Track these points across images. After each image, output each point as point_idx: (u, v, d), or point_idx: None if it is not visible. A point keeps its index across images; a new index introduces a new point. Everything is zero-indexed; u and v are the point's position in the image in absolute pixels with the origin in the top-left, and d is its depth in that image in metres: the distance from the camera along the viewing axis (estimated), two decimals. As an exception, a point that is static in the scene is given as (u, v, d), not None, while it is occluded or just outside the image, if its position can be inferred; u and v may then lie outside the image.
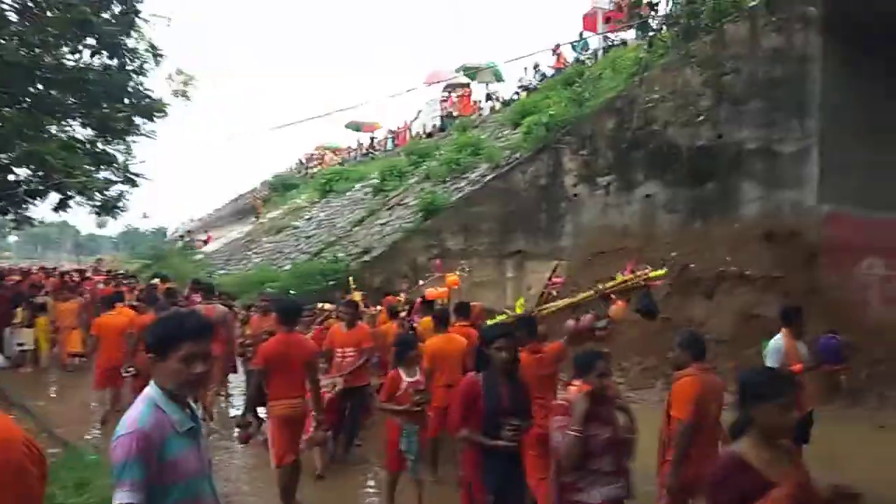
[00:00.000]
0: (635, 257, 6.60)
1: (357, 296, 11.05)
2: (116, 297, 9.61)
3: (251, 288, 15.07)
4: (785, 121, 11.71)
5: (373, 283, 12.83)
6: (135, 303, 9.66)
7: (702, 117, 12.19)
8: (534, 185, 12.83)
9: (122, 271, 22.79)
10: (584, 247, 12.50)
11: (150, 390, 2.27)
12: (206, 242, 35.81)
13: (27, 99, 13.09)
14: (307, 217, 24.19)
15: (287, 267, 17.16)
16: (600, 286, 5.89)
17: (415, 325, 8.15)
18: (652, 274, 5.62)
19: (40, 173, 12.47)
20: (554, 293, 6.78)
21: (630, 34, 18.32)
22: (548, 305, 6.71)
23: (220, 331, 7.96)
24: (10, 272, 20.07)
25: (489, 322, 6.63)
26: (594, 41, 18.95)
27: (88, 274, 18.67)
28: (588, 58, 18.52)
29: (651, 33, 13.68)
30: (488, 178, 13.88)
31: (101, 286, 14.01)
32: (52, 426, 8.28)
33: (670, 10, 13.69)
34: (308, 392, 5.49)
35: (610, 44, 17.80)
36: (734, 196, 11.95)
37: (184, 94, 17.58)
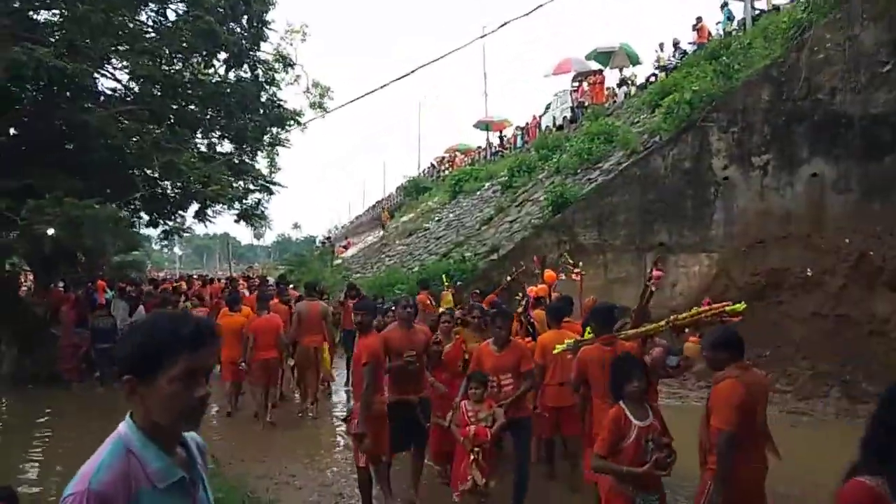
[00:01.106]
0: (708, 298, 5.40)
1: (448, 296, 10.59)
2: (236, 298, 10.14)
3: (382, 290, 14.96)
4: None
5: (501, 282, 12.16)
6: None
7: (877, 81, 10.42)
8: (677, 170, 11.57)
9: (268, 277, 23.79)
10: (738, 236, 11.08)
11: (123, 427, 1.64)
12: (345, 248, 37.04)
13: (170, 117, 13.77)
14: (437, 219, 24.04)
15: (415, 269, 16.93)
16: (672, 318, 5.05)
17: (532, 320, 7.84)
18: (729, 309, 4.73)
19: (179, 184, 13.08)
20: (653, 288, 5.77)
21: (783, -2, 16.40)
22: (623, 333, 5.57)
23: (322, 324, 9.41)
24: (166, 280, 21.54)
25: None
26: (740, 9, 17.14)
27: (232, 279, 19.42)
28: (734, 29, 16.76)
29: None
30: (624, 165, 12.76)
31: (245, 292, 14.39)
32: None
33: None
34: None
35: (759, 12, 15.97)
36: (922, 170, 10.09)
37: (321, 107, 17.98)
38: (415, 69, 8.55)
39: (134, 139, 11.13)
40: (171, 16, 12.42)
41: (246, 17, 12.85)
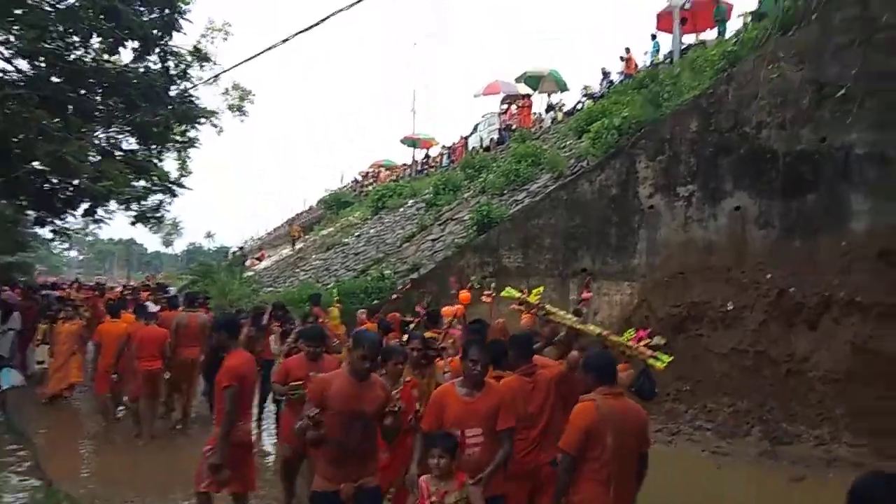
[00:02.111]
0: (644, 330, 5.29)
1: (334, 311, 10.25)
2: (120, 306, 10.16)
3: (293, 305, 14.03)
4: (903, 121, 10.00)
5: (420, 303, 11.54)
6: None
7: (802, 118, 10.55)
8: (603, 196, 11.34)
9: (168, 286, 22.24)
10: (660, 266, 10.91)
11: None
12: (259, 260, 35.49)
13: (67, 105, 12.49)
14: (357, 234, 23.27)
15: (331, 285, 16.09)
16: (604, 333, 5.25)
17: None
18: (650, 361, 4.79)
19: (71, 181, 11.81)
20: (584, 310, 6.43)
21: (711, 34, 16.79)
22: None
23: (201, 337, 9.00)
24: (54, 286, 19.69)
25: None
26: (668, 43, 17.44)
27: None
28: (661, 62, 17.00)
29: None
30: (551, 188, 12.47)
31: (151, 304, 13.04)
32: (45, 458, 7.33)
33: (760, 3, 12.19)
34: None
35: (687, 46, 16.25)
36: (840, 209, 10.16)
37: (240, 109, 17.02)
38: (317, 22, 7.73)
39: (18, 125, 9.87)
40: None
41: (157, 2, 11.80)
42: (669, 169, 11.04)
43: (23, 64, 12.15)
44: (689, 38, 17.19)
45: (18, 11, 9.84)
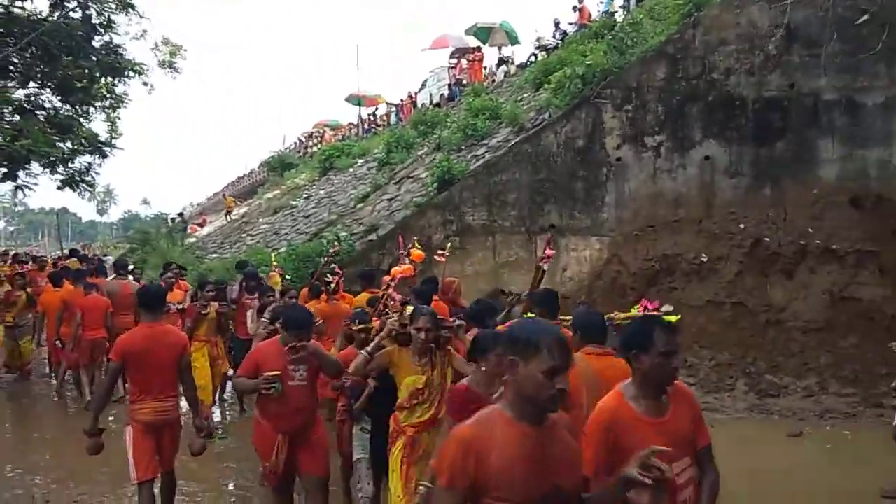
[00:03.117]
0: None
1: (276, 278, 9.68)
2: (61, 275, 9.86)
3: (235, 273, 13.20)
4: (871, 66, 9.83)
5: (381, 264, 10.93)
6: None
7: (771, 63, 10.25)
8: (569, 149, 10.86)
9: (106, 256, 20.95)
10: (630, 220, 10.58)
11: None
12: (201, 226, 34.05)
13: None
14: (306, 196, 22.28)
15: (282, 249, 15.26)
16: (611, 314, 4.60)
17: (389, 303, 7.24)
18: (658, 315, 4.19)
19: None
20: (545, 268, 5.96)
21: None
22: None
23: (132, 307, 8.12)
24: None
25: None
26: (623, -8, 16.92)
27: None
28: (616, 11, 16.49)
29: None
30: (513, 142, 11.91)
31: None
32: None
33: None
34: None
35: (644, -8, 15.75)
36: (810, 156, 10.05)
37: (171, 66, 15.79)
38: None
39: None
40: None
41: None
42: (637, 119, 10.64)
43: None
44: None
45: None
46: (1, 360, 9.08)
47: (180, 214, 32.58)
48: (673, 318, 4.42)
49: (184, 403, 5.32)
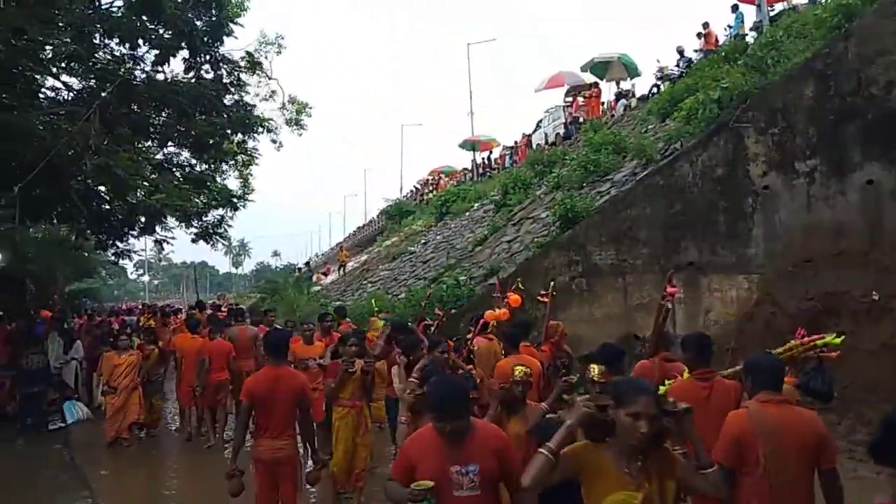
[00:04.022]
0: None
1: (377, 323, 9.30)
2: (197, 321, 10.20)
3: (364, 319, 13.13)
4: None
5: (526, 309, 10.37)
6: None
7: (942, 72, 8.98)
8: (707, 178, 9.97)
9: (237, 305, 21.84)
10: (782, 254, 9.47)
11: None
12: (325, 275, 35.10)
13: (123, 123, 11.98)
14: (423, 241, 22.33)
15: (402, 295, 15.14)
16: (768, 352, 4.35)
17: (473, 348, 7.23)
18: (821, 342, 4.28)
19: (125, 198, 11.24)
20: (669, 306, 5.51)
21: (801, -2, 15.16)
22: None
23: (251, 350, 9.35)
24: (129, 311, 19.45)
25: None
26: (751, 14, 15.85)
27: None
28: (747, 34, 15.43)
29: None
30: (641, 175, 11.15)
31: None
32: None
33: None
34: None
35: (778, 12, 14.68)
36: None
37: (297, 124, 16.35)
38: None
39: (64, 139, 9.27)
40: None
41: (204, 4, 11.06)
42: (784, 142, 9.60)
43: (73, 81, 11.76)
44: (777, 6, 15.55)
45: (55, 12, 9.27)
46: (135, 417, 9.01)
47: (307, 264, 33.81)
48: (837, 340, 4.25)
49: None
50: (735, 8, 16.14)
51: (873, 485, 5.19)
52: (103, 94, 11.09)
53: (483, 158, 31.98)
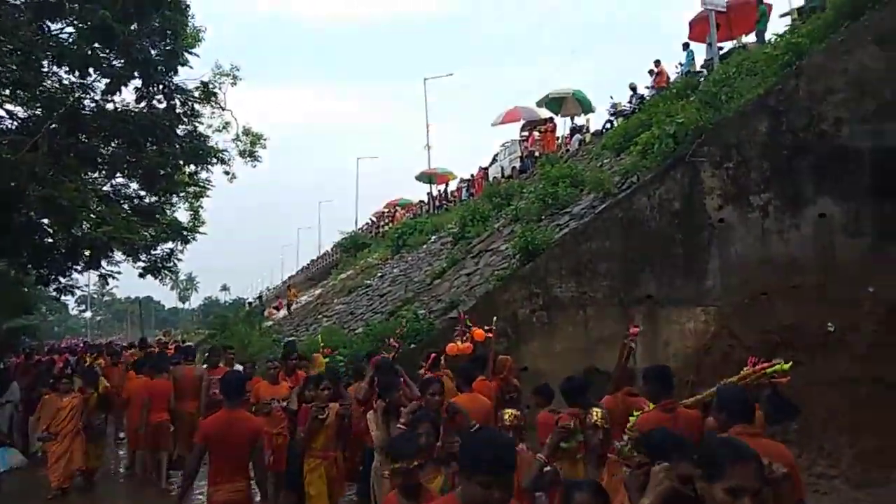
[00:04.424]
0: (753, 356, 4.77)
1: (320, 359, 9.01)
2: (142, 362, 9.86)
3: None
4: None
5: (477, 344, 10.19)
6: None
7: (888, 110, 9.31)
8: (664, 212, 10.07)
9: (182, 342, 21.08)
10: (738, 287, 9.57)
11: None
12: (277, 309, 34.32)
13: (69, 151, 11.52)
14: (380, 274, 22.06)
15: (359, 330, 14.81)
16: (721, 382, 4.60)
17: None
18: (770, 370, 4.38)
19: (69, 232, 10.74)
20: (633, 345, 5.72)
21: (749, 38, 15.72)
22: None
23: (197, 391, 8.93)
24: (68, 350, 18.52)
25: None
26: (701, 52, 16.37)
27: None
28: (700, 71, 15.90)
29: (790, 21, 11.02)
30: (600, 208, 11.22)
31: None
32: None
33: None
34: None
35: (728, 51, 15.18)
36: (944, 209, 8.93)
37: (251, 155, 16.10)
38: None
39: (7, 171, 8.81)
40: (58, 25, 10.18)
41: (157, 22, 10.78)
42: (739, 177, 9.78)
43: (18, 110, 11.30)
44: (726, 45, 16.10)
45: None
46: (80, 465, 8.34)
47: (259, 298, 32.98)
48: (786, 366, 4.32)
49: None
50: (686, 46, 16.64)
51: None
52: (49, 123, 10.66)
53: (439, 191, 32.05)
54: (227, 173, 16.16)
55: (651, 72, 17.84)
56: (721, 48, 15.45)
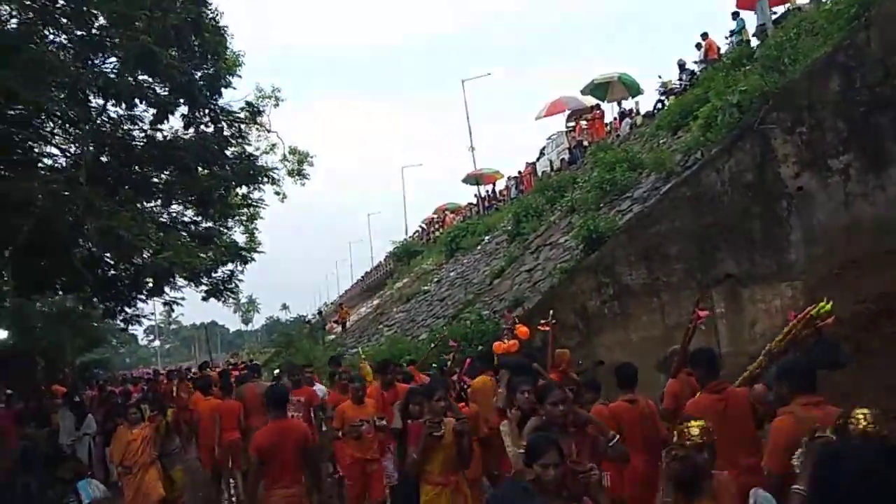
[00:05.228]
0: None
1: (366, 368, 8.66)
2: (209, 382, 9.91)
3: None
4: None
5: (533, 341, 9.82)
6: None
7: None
8: (737, 185, 9.51)
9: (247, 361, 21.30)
10: (824, 258, 8.96)
11: None
12: (338, 323, 34.54)
13: (124, 184, 11.68)
14: (436, 279, 21.83)
15: (423, 336, 14.59)
16: (767, 347, 4.83)
17: (466, 386, 7.07)
18: (814, 312, 4.48)
19: (130, 261, 10.85)
20: (701, 328, 5.70)
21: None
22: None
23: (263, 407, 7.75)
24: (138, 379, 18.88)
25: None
26: (752, 20, 15.60)
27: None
28: (750, 39, 15.15)
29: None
30: (665, 188, 10.70)
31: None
32: None
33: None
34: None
35: (781, 14, 14.44)
36: None
37: (300, 174, 16.07)
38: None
39: (64, 208, 8.88)
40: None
41: (197, 46, 10.81)
42: (814, 140, 9.16)
43: (69, 147, 11.49)
44: (778, 8, 15.32)
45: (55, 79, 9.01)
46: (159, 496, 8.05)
47: (319, 313, 33.20)
48: (827, 306, 4.51)
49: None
50: (736, 15, 15.90)
51: None
52: (101, 158, 10.79)
53: (487, 192, 31.68)
54: (277, 193, 16.17)
55: (698, 45, 17.12)
56: (774, 12, 14.69)
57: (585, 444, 3.96)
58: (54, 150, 11.53)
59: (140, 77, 10.13)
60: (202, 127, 12.35)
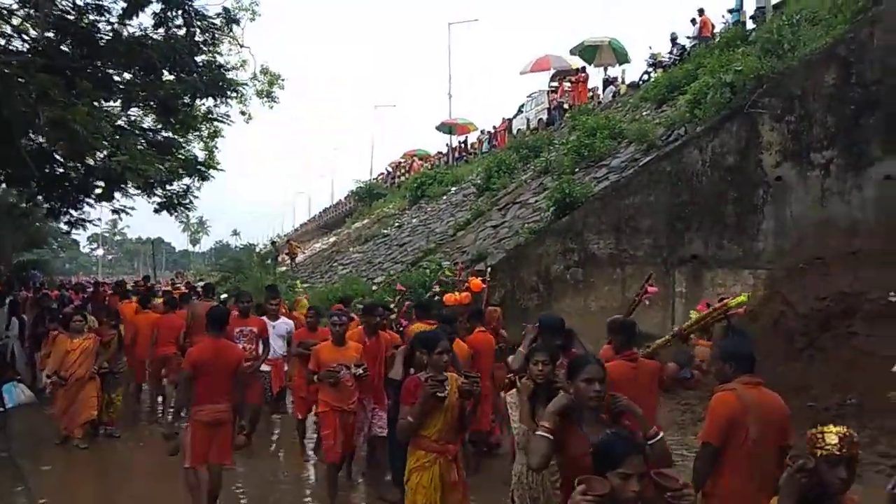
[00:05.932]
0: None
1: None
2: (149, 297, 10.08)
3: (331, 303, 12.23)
4: None
5: (491, 297, 9.67)
6: None
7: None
8: (717, 167, 9.40)
9: (197, 283, 20.74)
10: (793, 251, 8.98)
11: None
12: (288, 255, 33.99)
13: (84, 78, 10.87)
14: (398, 224, 21.50)
15: (379, 279, 14.34)
16: (676, 328, 5.12)
17: (402, 328, 7.25)
18: (731, 303, 4.71)
19: (82, 160, 10.18)
20: (646, 303, 5.87)
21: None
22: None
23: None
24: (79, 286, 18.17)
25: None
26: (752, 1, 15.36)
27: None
28: (748, 20, 14.92)
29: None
30: (645, 160, 10.53)
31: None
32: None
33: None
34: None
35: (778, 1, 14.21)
36: None
37: (269, 96, 15.36)
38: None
39: (16, 93, 8.16)
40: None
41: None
42: (801, 131, 9.08)
43: (28, 29, 10.62)
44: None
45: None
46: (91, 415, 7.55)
47: (273, 243, 32.48)
48: (743, 298, 4.80)
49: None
50: (736, -8, 15.62)
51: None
52: (62, 47, 9.99)
53: (459, 143, 31.19)
54: (243, 113, 15.51)
55: (693, 21, 16.82)
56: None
57: None
58: (10, 31, 10.64)
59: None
60: (173, 28, 11.56)
